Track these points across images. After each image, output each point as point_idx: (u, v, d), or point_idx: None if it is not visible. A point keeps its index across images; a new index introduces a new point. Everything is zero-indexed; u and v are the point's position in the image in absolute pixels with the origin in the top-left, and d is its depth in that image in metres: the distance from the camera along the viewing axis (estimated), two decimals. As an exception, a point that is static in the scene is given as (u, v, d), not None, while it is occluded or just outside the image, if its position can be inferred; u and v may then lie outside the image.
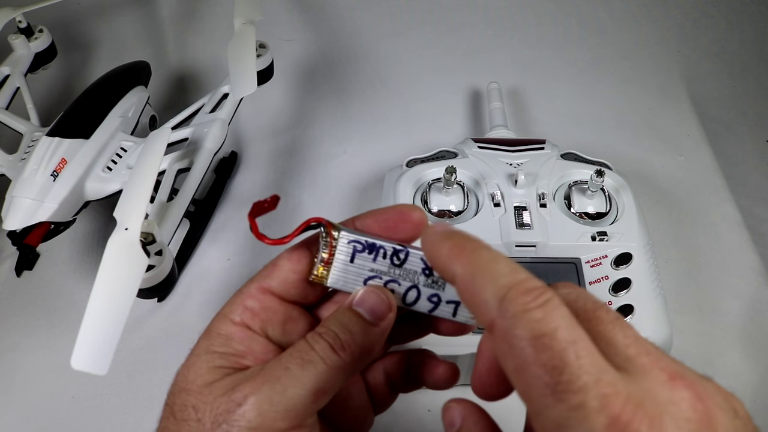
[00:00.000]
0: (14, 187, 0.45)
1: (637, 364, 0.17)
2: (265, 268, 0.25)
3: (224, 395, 0.21)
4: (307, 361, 0.22)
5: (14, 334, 0.48)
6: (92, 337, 0.33)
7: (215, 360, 0.23)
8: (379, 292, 0.24)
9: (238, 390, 0.21)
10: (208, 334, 0.24)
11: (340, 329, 0.23)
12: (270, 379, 0.21)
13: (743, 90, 0.68)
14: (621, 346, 0.18)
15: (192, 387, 0.22)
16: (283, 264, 0.24)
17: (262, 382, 0.21)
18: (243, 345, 0.23)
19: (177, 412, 0.22)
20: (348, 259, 0.24)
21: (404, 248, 0.24)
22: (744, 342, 0.46)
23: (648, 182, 0.56)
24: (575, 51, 0.71)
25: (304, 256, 0.25)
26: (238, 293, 0.24)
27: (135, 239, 0.37)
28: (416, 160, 0.48)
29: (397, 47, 0.71)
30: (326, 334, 0.23)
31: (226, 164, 0.58)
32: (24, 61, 0.58)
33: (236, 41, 0.49)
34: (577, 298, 0.20)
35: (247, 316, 0.24)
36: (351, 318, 0.23)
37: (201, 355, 0.23)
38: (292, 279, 0.24)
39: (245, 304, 0.24)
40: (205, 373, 0.22)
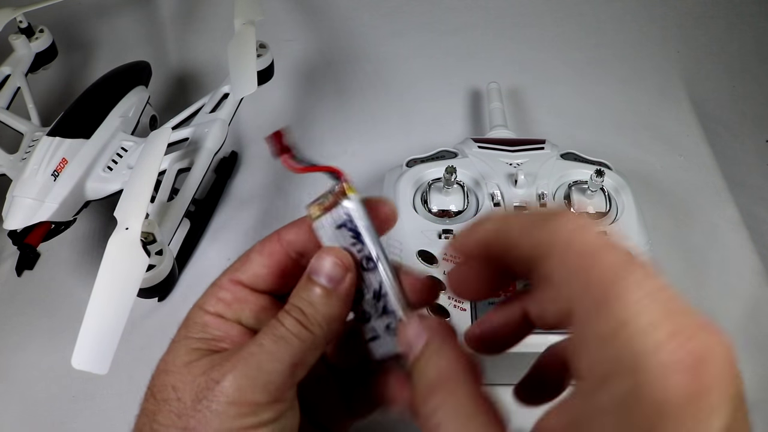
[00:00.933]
0: (15, 186, 0.45)
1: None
2: (238, 261, 0.26)
3: (203, 374, 0.22)
4: (279, 336, 0.22)
5: (14, 333, 0.48)
6: (93, 336, 0.33)
7: (193, 343, 0.23)
8: (333, 256, 0.24)
9: (216, 369, 0.22)
10: (186, 324, 0.24)
11: (304, 303, 0.23)
12: (245, 356, 0.22)
13: (743, 90, 0.68)
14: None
15: (171, 368, 0.23)
16: (254, 257, 0.25)
17: (239, 359, 0.22)
18: (220, 331, 0.24)
19: (157, 393, 0.22)
20: (335, 225, 0.24)
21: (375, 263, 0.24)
22: (744, 342, 0.46)
23: (648, 182, 0.56)
24: (575, 51, 0.71)
25: (276, 251, 0.25)
26: (211, 285, 0.25)
27: (135, 239, 0.37)
28: (416, 160, 0.48)
29: (398, 47, 0.71)
30: (292, 310, 0.23)
31: (227, 164, 0.58)
32: (25, 61, 0.58)
33: (236, 41, 0.49)
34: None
35: (221, 307, 0.24)
36: (311, 289, 0.23)
37: (180, 341, 0.24)
38: (263, 273, 0.25)
39: (218, 295, 0.25)
40: (184, 355, 0.23)
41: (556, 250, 0.18)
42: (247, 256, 0.26)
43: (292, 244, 0.25)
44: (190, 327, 0.24)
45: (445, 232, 0.42)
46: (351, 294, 0.24)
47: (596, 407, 0.15)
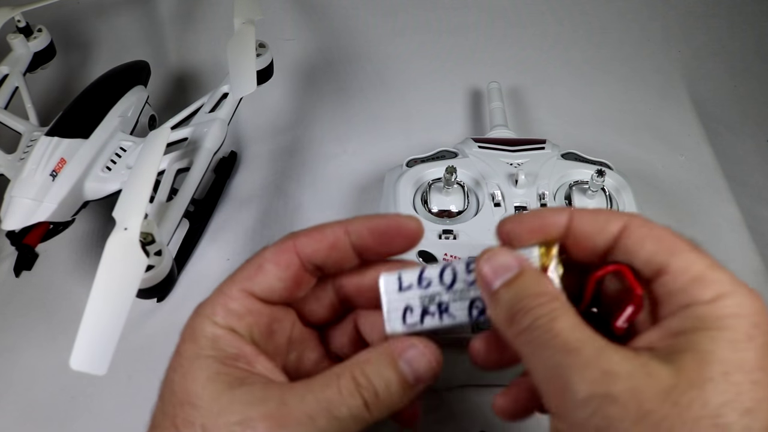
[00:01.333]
0: (13, 186, 0.44)
1: None
2: (248, 268, 0.24)
3: (239, 424, 0.20)
4: (338, 418, 0.20)
5: (13, 334, 0.48)
6: (91, 337, 0.33)
7: (211, 365, 0.22)
8: (430, 355, 0.22)
9: (255, 426, 0.20)
10: (193, 336, 0.22)
11: (382, 388, 0.21)
12: (293, 426, 0.20)
13: (744, 90, 0.67)
14: None
15: (197, 401, 0.21)
16: (270, 269, 0.23)
17: (284, 426, 0.20)
18: (233, 347, 0.22)
19: (181, 426, 0.21)
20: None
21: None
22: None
23: (648, 182, 0.56)
24: (576, 51, 0.71)
25: (293, 263, 0.24)
26: (218, 293, 0.23)
27: (134, 239, 0.37)
28: (416, 160, 0.48)
29: (397, 47, 0.71)
30: (366, 389, 0.21)
31: (226, 164, 0.58)
32: (23, 61, 0.58)
33: (236, 41, 0.49)
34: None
35: (233, 320, 0.23)
36: (393, 377, 0.21)
37: (193, 360, 0.22)
38: (278, 287, 0.23)
39: (228, 306, 0.23)
40: (209, 384, 0.21)
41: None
42: (260, 266, 0.23)
43: (311, 258, 0.24)
44: (198, 340, 0.22)
45: (446, 232, 0.42)
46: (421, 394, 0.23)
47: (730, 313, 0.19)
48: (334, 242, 0.24)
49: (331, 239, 0.23)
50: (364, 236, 0.24)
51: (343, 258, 0.24)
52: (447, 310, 0.23)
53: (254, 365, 0.22)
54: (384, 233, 0.23)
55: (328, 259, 0.24)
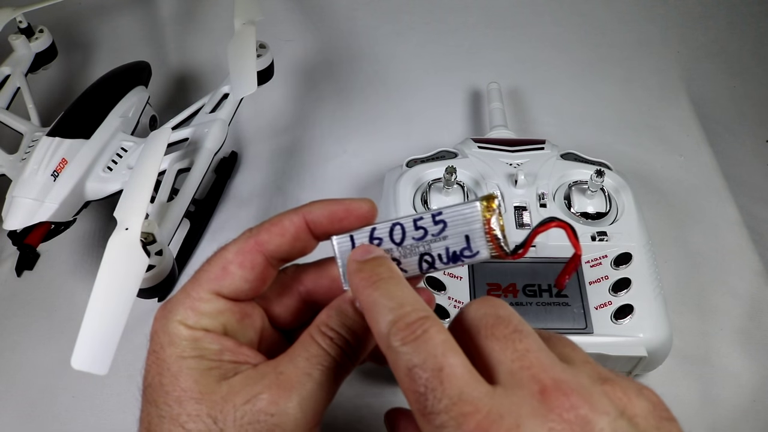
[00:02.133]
0: (15, 187, 0.45)
1: (516, 378, 0.19)
2: (212, 269, 0.24)
3: (248, 403, 0.21)
4: (328, 368, 0.22)
5: (14, 333, 0.48)
6: (92, 337, 0.33)
7: (200, 363, 0.22)
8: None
9: (262, 398, 0.21)
10: (172, 342, 0.23)
11: (350, 335, 0.23)
12: (296, 386, 0.21)
13: (743, 90, 0.68)
14: (507, 362, 0.19)
15: (197, 395, 0.21)
16: (235, 271, 0.24)
17: (289, 389, 0.21)
18: (214, 344, 0.23)
19: (187, 422, 0.21)
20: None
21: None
22: (744, 342, 0.46)
23: (648, 182, 0.56)
24: (575, 51, 0.71)
25: (258, 262, 0.24)
26: (185, 296, 0.23)
27: (135, 239, 0.37)
28: (416, 160, 0.48)
29: (397, 47, 0.71)
30: (337, 339, 0.23)
31: (226, 164, 0.58)
32: (24, 62, 0.58)
33: (236, 41, 0.49)
34: (483, 315, 0.21)
35: (205, 321, 0.23)
36: (357, 321, 0.23)
37: (180, 362, 0.22)
38: (245, 287, 0.24)
39: (198, 308, 0.23)
40: (202, 378, 0.22)
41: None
42: (224, 267, 0.24)
43: (275, 254, 0.24)
44: (178, 344, 0.22)
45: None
46: None
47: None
48: (295, 234, 0.24)
49: (292, 231, 0.24)
50: (323, 223, 0.24)
51: (305, 246, 0.25)
52: (399, 266, 0.24)
53: (239, 355, 0.23)
54: (341, 218, 0.24)
55: (293, 250, 0.25)
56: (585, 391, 0.18)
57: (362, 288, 0.22)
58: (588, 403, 0.18)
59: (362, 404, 0.43)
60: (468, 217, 0.23)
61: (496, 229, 0.23)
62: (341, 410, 0.42)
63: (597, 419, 0.17)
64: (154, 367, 0.23)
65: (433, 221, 0.23)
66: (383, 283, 0.21)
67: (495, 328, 0.20)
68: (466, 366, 0.19)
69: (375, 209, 0.25)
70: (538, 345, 0.20)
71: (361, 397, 0.43)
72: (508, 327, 0.20)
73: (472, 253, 0.23)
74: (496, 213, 0.23)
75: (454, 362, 0.19)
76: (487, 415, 0.17)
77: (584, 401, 0.18)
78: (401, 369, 0.19)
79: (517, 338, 0.20)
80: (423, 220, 0.23)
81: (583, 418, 0.17)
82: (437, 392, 0.18)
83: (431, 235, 0.23)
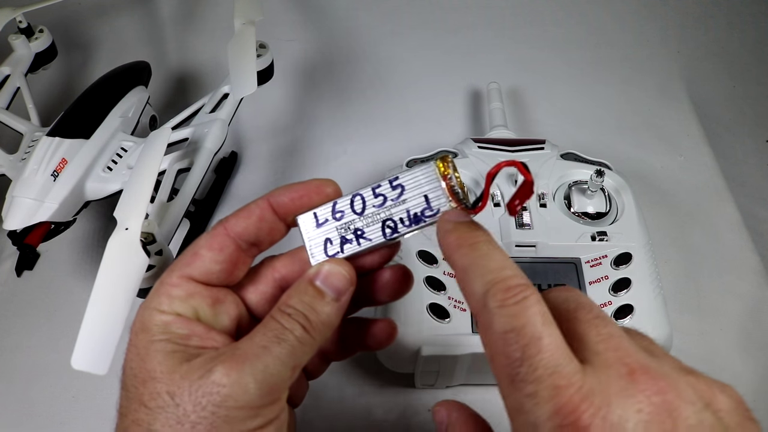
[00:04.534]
0: (14, 187, 0.45)
1: (602, 358, 0.19)
2: (184, 257, 0.25)
3: (202, 378, 0.21)
4: (283, 339, 0.22)
5: (14, 333, 0.48)
6: (92, 337, 0.33)
7: (166, 346, 0.23)
8: (340, 267, 0.24)
9: (216, 371, 0.21)
10: (143, 328, 0.23)
11: (308, 309, 0.23)
12: (250, 358, 0.22)
13: (743, 90, 0.68)
14: (592, 343, 0.19)
15: (158, 375, 0.22)
16: (204, 254, 0.25)
17: (243, 361, 0.22)
18: (183, 329, 0.23)
19: (148, 401, 0.22)
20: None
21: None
22: (744, 342, 0.46)
23: (648, 182, 0.56)
24: (575, 51, 0.71)
25: (226, 245, 0.25)
26: (159, 284, 0.24)
27: (135, 239, 0.37)
28: (416, 160, 0.48)
29: (397, 47, 0.71)
30: (296, 315, 0.23)
31: (226, 164, 0.58)
32: (24, 61, 0.58)
33: (236, 41, 0.49)
34: (565, 299, 0.21)
35: (176, 305, 0.24)
36: (315, 297, 0.24)
37: (148, 346, 0.23)
38: (215, 269, 0.25)
39: (170, 293, 0.24)
40: (165, 360, 0.22)
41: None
42: (195, 253, 0.25)
43: (242, 236, 0.25)
44: (150, 329, 0.23)
45: (445, 232, 0.42)
46: (347, 305, 0.25)
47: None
48: (260, 215, 0.25)
49: (257, 213, 0.25)
50: (287, 203, 0.25)
51: (272, 228, 0.26)
52: (363, 235, 0.24)
53: (207, 341, 0.23)
54: (303, 197, 0.25)
55: (259, 231, 0.25)
56: (671, 378, 0.18)
57: (457, 247, 0.22)
58: (674, 390, 0.18)
59: (366, 402, 0.43)
60: (425, 176, 0.24)
61: (453, 183, 0.24)
62: (346, 412, 0.42)
63: (683, 407, 0.17)
64: (128, 355, 0.23)
65: (390, 186, 0.24)
66: (483, 245, 0.22)
67: (578, 311, 0.20)
68: (562, 340, 0.19)
69: (338, 190, 0.26)
70: (620, 332, 0.20)
71: (365, 396, 0.43)
72: (590, 312, 0.20)
73: (433, 211, 0.24)
74: (451, 169, 0.24)
75: (553, 333, 0.19)
76: (578, 390, 0.17)
77: (671, 387, 0.18)
78: (495, 331, 0.19)
79: (600, 323, 0.20)
80: (381, 188, 0.24)
81: (669, 404, 0.17)
82: (533, 360, 0.18)
83: (391, 201, 0.24)
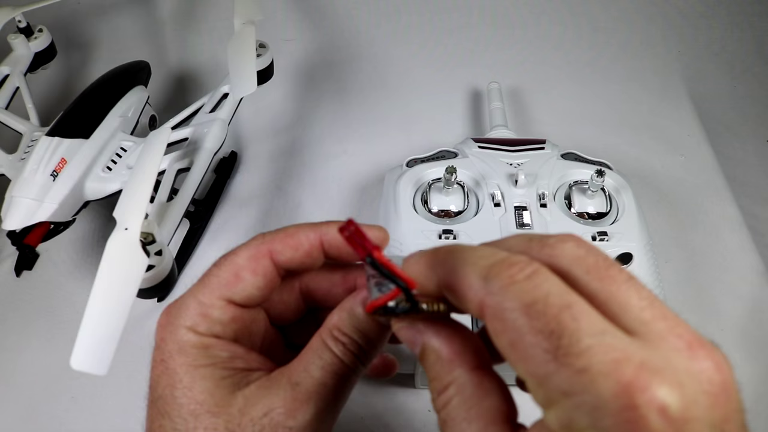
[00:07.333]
0: (14, 186, 0.45)
1: (653, 329, 0.16)
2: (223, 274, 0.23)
3: (265, 417, 0.21)
4: (342, 376, 0.22)
5: (14, 334, 0.48)
6: (92, 337, 0.33)
7: (213, 373, 0.22)
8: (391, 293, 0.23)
9: (279, 411, 0.21)
10: (182, 350, 0.22)
11: (363, 339, 0.22)
12: (313, 398, 0.21)
13: (743, 90, 0.68)
14: (635, 309, 0.16)
15: (213, 409, 0.21)
16: (247, 278, 0.23)
17: (306, 401, 0.21)
18: (225, 351, 0.22)
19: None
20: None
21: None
22: (744, 342, 0.46)
23: (648, 182, 0.56)
24: (575, 51, 0.71)
25: (269, 271, 0.23)
26: (193, 301, 0.23)
27: (135, 239, 0.37)
28: (416, 160, 0.48)
29: (398, 47, 0.71)
30: (351, 345, 0.22)
31: (226, 164, 0.58)
32: (23, 61, 0.58)
33: (236, 41, 0.49)
34: (586, 253, 0.18)
35: (216, 328, 0.23)
36: (371, 326, 0.22)
37: (192, 372, 0.22)
38: (256, 295, 0.23)
39: (210, 315, 0.23)
40: (217, 389, 0.21)
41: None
42: (236, 274, 0.23)
43: (285, 265, 0.24)
44: (188, 352, 0.22)
45: (445, 232, 0.42)
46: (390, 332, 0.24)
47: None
48: (309, 251, 0.24)
49: (307, 248, 0.23)
50: (339, 247, 0.24)
51: (314, 263, 0.24)
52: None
53: (250, 362, 0.23)
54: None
55: (302, 266, 0.24)
56: (719, 352, 0.16)
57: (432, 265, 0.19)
58: (728, 368, 0.16)
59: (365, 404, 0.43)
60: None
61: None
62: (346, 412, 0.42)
63: (734, 388, 0.16)
64: (164, 378, 0.22)
65: None
66: (460, 246, 0.19)
67: (609, 269, 0.17)
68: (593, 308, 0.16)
69: (387, 237, 0.24)
70: (657, 297, 0.17)
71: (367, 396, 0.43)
72: (622, 272, 0.17)
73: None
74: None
75: (581, 301, 0.16)
76: (641, 365, 0.15)
77: (725, 363, 0.16)
78: (513, 310, 0.16)
79: (638, 285, 0.17)
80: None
81: (726, 383, 0.16)
82: (573, 330, 0.15)
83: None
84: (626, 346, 0.15)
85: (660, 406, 0.14)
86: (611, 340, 0.15)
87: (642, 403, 0.14)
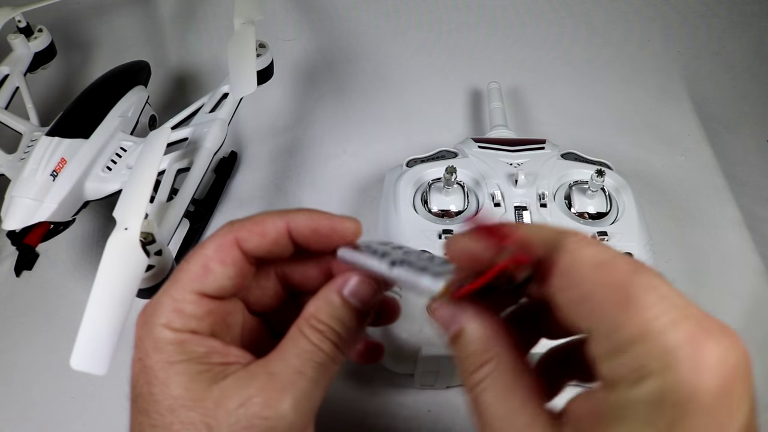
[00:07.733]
0: (14, 186, 0.44)
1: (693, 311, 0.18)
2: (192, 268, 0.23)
3: (241, 407, 0.21)
4: (320, 363, 0.22)
5: (13, 334, 0.48)
6: (92, 337, 0.33)
7: (189, 368, 0.22)
8: (368, 280, 0.23)
9: (255, 402, 0.21)
10: (157, 348, 0.22)
11: (340, 326, 0.23)
12: (288, 386, 0.21)
13: (743, 90, 0.67)
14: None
15: (189, 403, 0.21)
16: (217, 268, 0.23)
17: (282, 390, 0.21)
18: (201, 347, 0.22)
19: (180, 431, 0.21)
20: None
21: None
22: (744, 342, 0.46)
23: (648, 182, 0.56)
24: (575, 51, 0.71)
25: (238, 259, 0.23)
26: (167, 298, 0.23)
27: (135, 239, 0.37)
28: (416, 160, 0.48)
29: (397, 47, 0.71)
30: (328, 332, 0.22)
31: (226, 164, 0.58)
32: (23, 61, 0.58)
33: (236, 41, 0.49)
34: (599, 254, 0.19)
35: (191, 323, 0.22)
36: (346, 312, 0.23)
37: (168, 369, 0.22)
38: (228, 285, 0.23)
39: (182, 310, 0.22)
40: (192, 384, 0.21)
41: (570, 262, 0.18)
42: (205, 265, 0.23)
43: (253, 252, 0.24)
44: (164, 349, 0.22)
45: (445, 232, 0.42)
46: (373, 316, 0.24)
47: (626, 402, 0.16)
48: (276, 239, 0.24)
49: (274, 235, 0.24)
50: (307, 235, 0.24)
51: (283, 251, 0.24)
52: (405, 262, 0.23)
53: (227, 356, 0.23)
54: (325, 235, 0.24)
55: (270, 253, 0.24)
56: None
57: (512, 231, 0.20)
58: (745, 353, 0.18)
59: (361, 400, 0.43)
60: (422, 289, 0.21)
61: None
62: (346, 412, 0.42)
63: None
64: (142, 376, 0.22)
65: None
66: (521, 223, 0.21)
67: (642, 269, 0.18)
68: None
69: (360, 230, 0.24)
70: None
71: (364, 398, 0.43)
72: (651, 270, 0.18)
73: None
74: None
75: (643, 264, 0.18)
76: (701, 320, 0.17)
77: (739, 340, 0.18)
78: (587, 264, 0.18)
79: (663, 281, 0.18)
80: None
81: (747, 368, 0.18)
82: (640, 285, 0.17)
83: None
84: (688, 305, 0.17)
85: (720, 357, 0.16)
86: (676, 299, 0.17)
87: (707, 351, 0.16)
